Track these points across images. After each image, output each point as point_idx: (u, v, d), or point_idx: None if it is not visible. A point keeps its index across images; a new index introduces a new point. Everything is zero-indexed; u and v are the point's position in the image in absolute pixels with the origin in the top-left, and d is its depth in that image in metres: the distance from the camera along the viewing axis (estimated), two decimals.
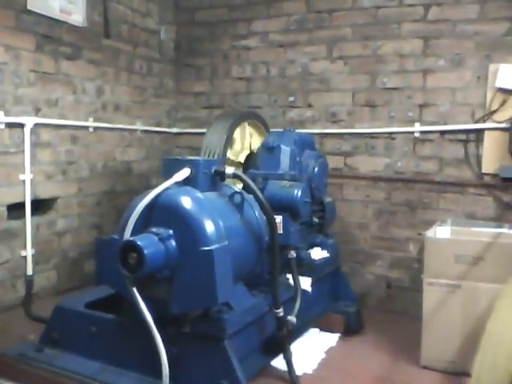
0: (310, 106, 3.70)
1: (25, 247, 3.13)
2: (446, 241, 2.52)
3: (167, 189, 2.04)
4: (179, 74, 4.29)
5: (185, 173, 2.14)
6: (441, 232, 2.62)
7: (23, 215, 3.11)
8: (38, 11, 3.14)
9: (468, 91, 3.19)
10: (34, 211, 3.18)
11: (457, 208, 3.22)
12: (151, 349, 1.89)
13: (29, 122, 3.09)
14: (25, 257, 3.13)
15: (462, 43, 3.20)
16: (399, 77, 3.39)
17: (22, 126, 3.07)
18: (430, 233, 2.60)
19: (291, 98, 3.77)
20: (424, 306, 2.48)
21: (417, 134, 3.33)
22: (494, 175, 3.12)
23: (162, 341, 1.88)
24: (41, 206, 3.30)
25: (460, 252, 2.40)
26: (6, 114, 2.99)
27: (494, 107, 3.09)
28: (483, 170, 3.16)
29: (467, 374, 1.94)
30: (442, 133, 3.27)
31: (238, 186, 2.44)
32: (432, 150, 3.31)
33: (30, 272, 3.13)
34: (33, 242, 3.17)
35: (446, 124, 3.26)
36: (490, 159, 3.12)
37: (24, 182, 3.10)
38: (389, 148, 3.43)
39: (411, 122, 3.35)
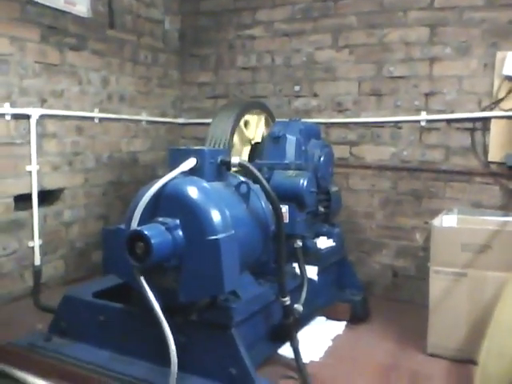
0: (315, 95, 3.69)
1: (32, 238, 3.15)
2: (453, 229, 2.52)
3: (173, 179, 2.05)
4: (184, 64, 4.28)
5: (191, 163, 2.13)
6: (447, 220, 2.62)
7: (30, 206, 3.13)
8: (43, 2, 3.13)
9: (475, 79, 3.17)
10: (40, 202, 3.20)
11: (463, 197, 3.21)
12: (159, 337, 1.90)
13: (35, 113, 3.10)
14: (32, 247, 3.15)
15: (469, 31, 3.16)
16: (405, 65, 3.37)
17: (27, 117, 3.08)
18: (436, 221, 2.59)
19: (297, 88, 3.76)
20: (430, 294, 2.48)
21: (423, 123, 3.32)
22: (500, 163, 3.10)
23: (170, 329, 1.89)
24: (48, 196, 3.32)
25: (467, 240, 2.39)
26: (12, 105, 3.00)
27: (501, 95, 3.06)
28: (490, 159, 3.14)
29: (474, 362, 1.95)
30: (449, 121, 3.25)
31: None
32: (438, 138, 3.29)
33: (37, 262, 3.16)
34: (40, 232, 3.19)
35: (452, 112, 3.24)
36: (497, 147, 3.10)
37: (30, 173, 3.11)
38: (395, 137, 3.42)
39: (417, 111, 3.34)
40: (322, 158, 2.87)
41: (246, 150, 3.07)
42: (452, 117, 3.24)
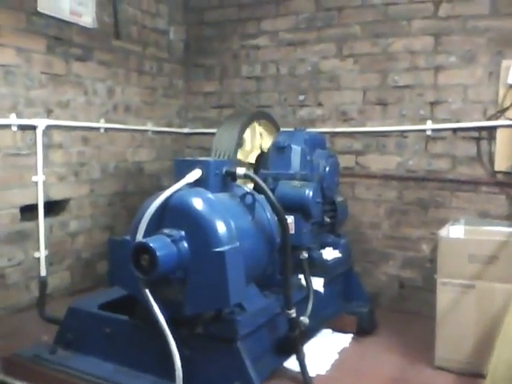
0: (320, 104, 3.69)
1: (38, 248, 3.16)
2: (460, 240, 2.49)
3: (178, 190, 2.04)
4: (189, 74, 4.30)
5: (196, 174, 2.14)
6: (454, 231, 2.60)
7: (36, 217, 3.14)
8: (49, 13, 3.16)
9: (480, 88, 3.16)
10: (46, 213, 3.20)
11: (470, 206, 3.18)
12: (164, 350, 1.89)
13: (41, 123, 3.12)
14: (38, 258, 3.16)
15: (474, 39, 3.16)
16: (410, 74, 3.36)
17: (34, 127, 3.10)
18: (443, 232, 2.57)
19: (301, 97, 3.76)
20: (438, 306, 2.46)
21: (429, 132, 3.30)
22: (506, 173, 3.08)
23: (175, 342, 1.88)
24: (53, 207, 3.32)
25: (474, 251, 2.37)
26: (19, 116, 3.01)
27: (507, 104, 3.05)
28: (496, 168, 3.12)
29: (482, 375, 1.92)
30: (454, 130, 3.24)
31: (249, 186, 2.44)
32: (444, 147, 3.28)
33: (43, 273, 3.16)
34: (46, 243, 3.19)
35: (458, 121, 3.22)
36: (503, 157, 3.08)
37: (37, 183, 3.12)
38: (400, 146, 3.40)
39: (423, 120, 3.32)
40: (327, 168, 2.86)
41: (255, 154, 3.09)
42: (458, 126, 3.22)
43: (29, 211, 3.12)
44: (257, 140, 3.08)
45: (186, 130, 4.32)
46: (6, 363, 2.28)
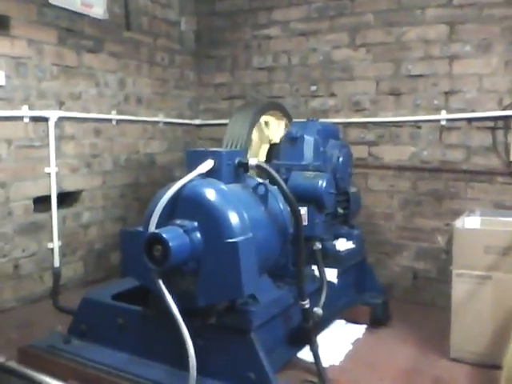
0: (332, 94, 3.66)
1: (51, 239, 3.18)
2: (476, 231, 2.46)
3: (191, 181, 2.03)
4: (200, 65, 4.28)
5: (208, 164, 2.12)
6: (470, 222, 2.57)
7: (49, 208, 3.16)
8: (60, 5, 3.16)
9: (495, 77, 3.11)
10: (59, 204, 3.23)
11: (485, 197, 3.14)
12: (178, 341, 1.89)
13: (53, 115, 3.13)
14: (52, 249, 3.18)
15: (489, 28, 3.10)
16: (424, 64, 3.31)
17: (46, 119, 3.11)
18: (458, 223, 2.54)
19: (313, 87, 3.73)
20: (453, 297, 2.43)
21: (443, 122, 3.26)
22: None
23: (189, 333, 1.88)
24: (66, 198, 3.34)
25: (490, 242, 2.33)
26: (31, 107, 3.03)
27: None
28: (511, 158, 3.08)
29: (498, 367, 1.90)
30: (469, 120, 3.19)
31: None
32: (459, 138, 3.23)
33: (57, 264, 3.18)
34: (59, 234, 3.21)
35: (473, 111, 3.18)
36: None
37: (49, 175, 3.14)
38: (414, 137, 3.37)
39: (437, 110, 3.28)
40: (340, 159, 2.84)
41: (265, 148, 3.05)
42: (473, 116, 3.18)
43: (42, 202, 3.14)
44: (264, 133, 3.04)
45: (197, 122, 4.31)
46: (21, 353, 2.30)
